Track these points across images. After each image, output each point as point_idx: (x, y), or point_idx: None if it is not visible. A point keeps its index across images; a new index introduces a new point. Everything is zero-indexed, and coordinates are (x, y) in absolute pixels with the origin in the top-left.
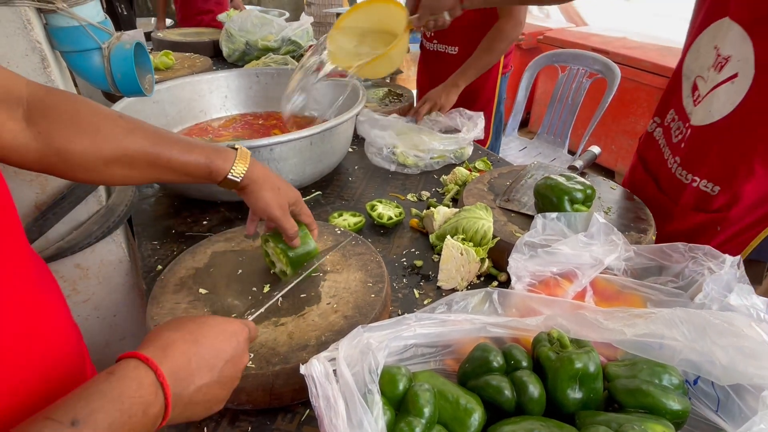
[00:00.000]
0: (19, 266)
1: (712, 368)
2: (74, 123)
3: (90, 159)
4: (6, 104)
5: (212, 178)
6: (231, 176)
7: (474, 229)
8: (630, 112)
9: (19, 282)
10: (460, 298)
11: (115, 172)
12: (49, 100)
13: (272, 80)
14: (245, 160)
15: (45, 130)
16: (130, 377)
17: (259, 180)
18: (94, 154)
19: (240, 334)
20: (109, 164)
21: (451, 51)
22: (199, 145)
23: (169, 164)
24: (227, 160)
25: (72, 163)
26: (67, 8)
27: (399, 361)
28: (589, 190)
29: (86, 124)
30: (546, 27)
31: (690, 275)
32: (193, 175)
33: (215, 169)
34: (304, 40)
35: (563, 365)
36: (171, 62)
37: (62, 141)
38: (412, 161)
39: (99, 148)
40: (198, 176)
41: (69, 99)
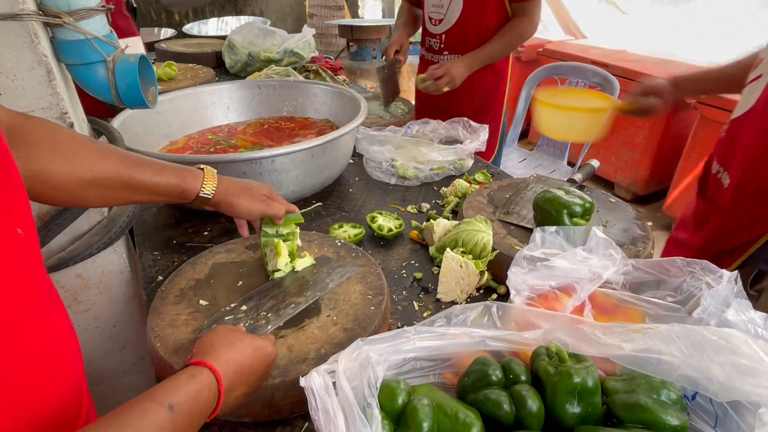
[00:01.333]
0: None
1: (710, 384)
2: (53, 147)
3: (67, 181)
4: None
5: (184, 197)
6: (203, 194)
7: (473, 242)
8: (629, 123)
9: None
10: (459, 312)
11: (91, 193)
12: (28, 126)
13: (274, 92)
14: (213, 177)
15: (24, 154)
16: (205, 383)
17: (229, 192)
18: (71, 176)
19: (271, 356)
20: (85, 186)
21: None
22: (170, 166)
23: (142, 185)
24: (197, 179)
25: (50, 185)
26: (73, 22)
27: (398, 375)
28: (588, 204)
29: (64, 147)
30: (545, 39)
31: (688, 290)
32: (165, 195)
33: (187, 188)
34: (306, 52)
35: (562, 379)
36: (174, 73)
37: (41, 163)
38: (412, 173)
39: (76, 170)
40: (170, 196)
41: (46, 125)
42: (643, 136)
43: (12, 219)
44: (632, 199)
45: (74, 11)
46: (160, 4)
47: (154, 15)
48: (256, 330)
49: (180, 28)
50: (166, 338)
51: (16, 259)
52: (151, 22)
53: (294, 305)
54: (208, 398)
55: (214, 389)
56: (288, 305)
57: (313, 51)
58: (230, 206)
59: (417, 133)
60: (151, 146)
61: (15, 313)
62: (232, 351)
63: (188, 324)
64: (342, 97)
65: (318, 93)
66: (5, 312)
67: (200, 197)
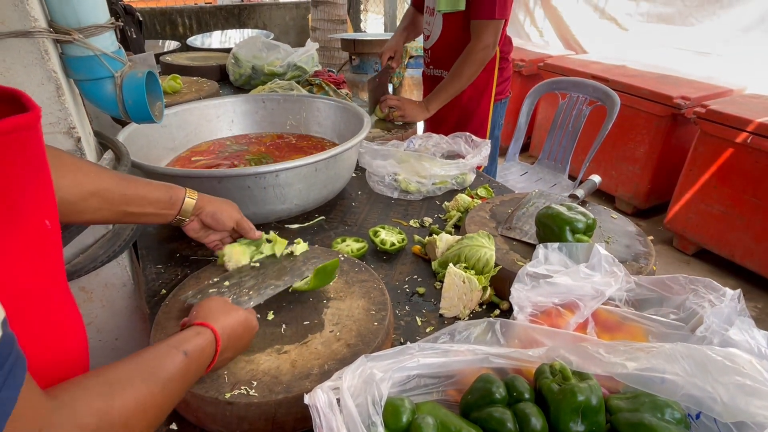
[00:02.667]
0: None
1: (714, 404)
2: (60, 164)
3: (73, 192)
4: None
5: (172, 203)
6: (188, 197)
7: (476, 257)
8: (630, 138)
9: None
10: (462, 328)
11: (91, 204)
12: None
13: (278, 106)
14: (194, 192)
15: None
16: (208, 340)
17: (212, 201)
18: (77, 188)
19: (255, 328)
20: (88, 198)
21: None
22: (156, 183)
23: (136, 195)
24: (182, 190)
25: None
26: (83, 39)
27: (402, 392)
28: (590, 221)
29: (69, 164)
30: (546, 54)
31: (691, 307)
32: (156, 205)
33: (174, 195)
34: (309, 66)
35: (566, 398)
36: (179, 86)
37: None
38: (415, 187)
39: (81, 182)
40: (160, 205)
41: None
42: (643, 151)
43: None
44: (633, 212)
45: (84, 28)
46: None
47: (158, 27)
48: (239, 304)
49: (184, 40)
50: None
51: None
52: (155, 34)
53: (273, 287)
54: (209, 354)
55: (212, 347)
56: (268, 286)
57: (316, 65)
58: (213, 214)
59: (419, 147)
60: (156, 159)
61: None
62: (227, 318)
63: None
64: (345, 111)
65: (321, 107)
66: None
67: (187, 200)
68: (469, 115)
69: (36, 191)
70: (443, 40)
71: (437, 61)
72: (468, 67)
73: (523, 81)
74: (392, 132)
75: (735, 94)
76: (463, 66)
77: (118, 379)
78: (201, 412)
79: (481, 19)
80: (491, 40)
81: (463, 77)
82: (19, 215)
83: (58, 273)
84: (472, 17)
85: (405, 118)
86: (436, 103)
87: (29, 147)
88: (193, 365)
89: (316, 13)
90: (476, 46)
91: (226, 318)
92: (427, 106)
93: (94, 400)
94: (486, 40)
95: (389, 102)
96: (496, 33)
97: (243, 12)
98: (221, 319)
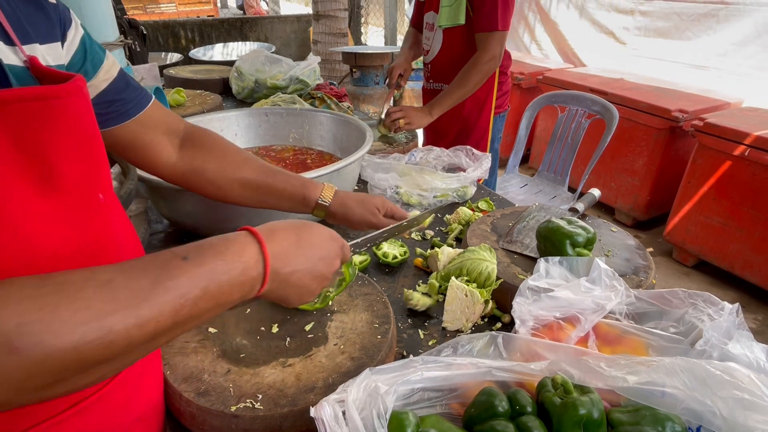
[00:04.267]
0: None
1: (714, 418)
2: (210, 151)
3: (218, 177)
4: (169, 136)
5: (306, 203)
6: (321, 201)
7: (478, 271)
8: (629, 150)
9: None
10: (465, 342)
11: (234, 190)
12: (197, 133)
13: (281, 119)
14: (331, 190)
15: (191, 154)
16: (238, 242)
17: (346, 203)
18: (220, 173)
19: (337, 240)
20: (230, 183)
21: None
22: (296, 176)
23: (273, 188)
24: (317, 189)
25: (205, 179)
26: None
27: (406, 405)
28: (591, 234)
29: (218, 152)
30: (545, 67)
31: (690, 321)
32: (290, 200)
33: (308, 195)
34: (311, 79)
35: (567, 411)
36: (183, 99)
37: (200, 162)
38: (416, 200)
39: (224, 169)
40: (294, 201)
41: (210, 134)
42: (642, 163)
43: (95, 186)
44: (633, 224)
45: None
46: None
47: (161, 40)
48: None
49: (186, 52)
50: (176, 366)
51: (94, 220)
52: (158, 47)
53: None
54: (242, 258)
55: (253, 250)
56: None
57: (318, 78)
58: (347, 218)
59: (421, 160)
60: None
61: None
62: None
63: (197, 351)
64: (348, 125)
65: (324, 121)
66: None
67: (319, 204)
68: (469, 128)
69: (80, 163)
70: (443, 55)
71: (437, 75)
72: (474, 76)
73: (522, 94)
74: (394, 145)
75: (732, 108)
76: (470, 74)
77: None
78: (206, 425)
79: (486, 32)
80: (497, 51)
81: (469, 85)
82: (58, 183)
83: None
84: (476, 30)
85: (411, 126)
86: (439, 109)
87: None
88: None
89: (317, 26)
90: (483, 57)
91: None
92: (431, 111)
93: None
94: (492, 51)
95: (393, 116)
96: (502, 44)
97: (245, 25)
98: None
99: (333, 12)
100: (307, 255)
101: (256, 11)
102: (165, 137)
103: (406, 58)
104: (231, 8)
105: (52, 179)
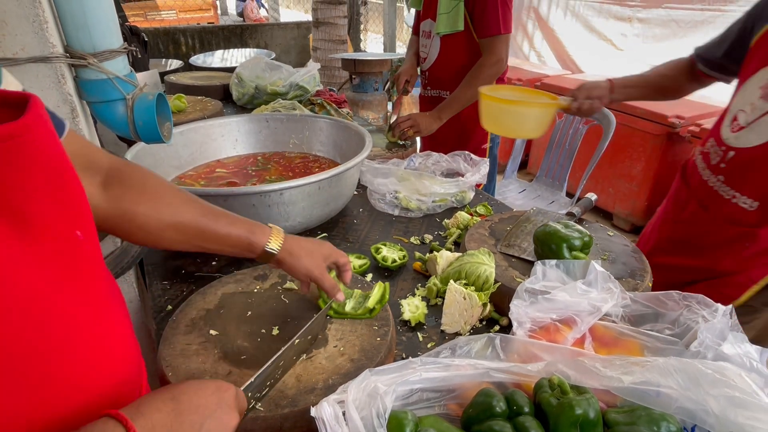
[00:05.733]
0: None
1: (707, 417)
2: (143, 190)
3: (150, 222)
4: (89, 171)
5: (252, 249)
6: (268, 249)
7: (476, 274)
8: (626, 156)
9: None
10: (463, 343)
11: (168, 236)
12: (126, 170)
13: (281, 125)
14: (279, 235)
15: (118, 195)
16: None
17: (293, 252)
18: (154, 218)
19: (223, 390)
20: (164, 229)
21: (444, 95)
22: (241, 219)
23: (215, 234)
24: (264, 235)
25: (135, 224)
26: (97, 63)
27: (405, 406)
28: (587, 238)
29: (152, 191)
30: (543, 74)
31: (685, 323)
32: (234, 246)
33: (255, 241)
34: (311, 86)
35: (564, 411)
36: (183, 105)
37: (130, 204)
38: (415, 205)
39: (159, 212)
40: (239, 247)
41: (141, 171)
42: (640, 169)
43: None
44: (631, 229)
45: (98, 53)
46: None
47: (161, 46)
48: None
49: (187, 59)
50: (177, 368)
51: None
52: (159, 53)
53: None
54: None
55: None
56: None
57: (318, 85)
58: (292, 267)
59: (419, 165)
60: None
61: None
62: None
63: (199, 354)
64: (347, 131)
65: (324, 127)
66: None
67: (266, 251)
68: (468, 134)
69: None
70: (440, 62)
71: (435, 82)
72: (482, 80)
73: None
74: (393, 151)
75: None
76: (477, 77)
77: None
78: None
79: (489, 36)
80: (503, 53)
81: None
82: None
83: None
84: (479, 36)
85: (420, 133)
86: (447, 113)
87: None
88: None
89: (317, 33)
90: (489, 61)
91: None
92: (440, 116)
93: None
94: (498, 54)
95: (402, 125)
96: (506, 46)
97: (245, 32)
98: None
99: (333, 19)
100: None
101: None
102: (86, 174)
103: (411, 64)
104: (231, 15)
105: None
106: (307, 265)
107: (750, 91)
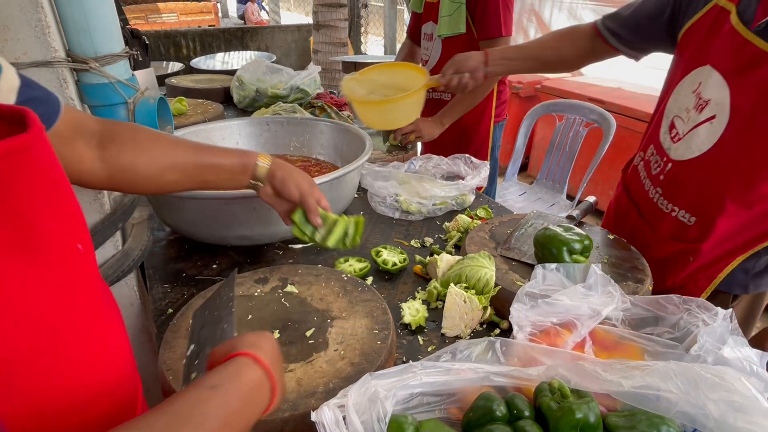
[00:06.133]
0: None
1: (706, 421)
2: (136, 144)
3: (150, 168)
4: (82, 136)
5: (245, 170)
6: (259, 163)
7: (477, 278)
8: (626, 159)
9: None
10: (464, 347)
11: (168, 178)
12: (116, 128)
13: (282, 128)
14: (267, 156)
15: (114, 153)
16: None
17: (285, 166)
18: (153, 164)
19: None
20: (164, 172)
21: (446, 98)
22: (231, 149)
23: (210, 166)
24: (254, 156)
25: (139, 175)
26: (99, 67)
27: (405, 410)
28: (587, 241)
29: (145, 141)
30: (543, 77)
31: (685, 326)
32: (230, 173)
33: (247, 162)
34: (311, 89)
35: (564, 415)
36: (185, 108)
37: (129, 157)
38: (415, 208)
39: (157, 158)
40: (234, 172)
41: (129, 126)
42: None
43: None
44: None
45: (100, 57)
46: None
47: (162, 49)
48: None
49: (188, 62)
50: (178, 371)
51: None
52: (160, 56)
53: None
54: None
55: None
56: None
57: (318, 88)
58: (284, 180)
59: (420, 168)
60: None
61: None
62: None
63: None
64: (348, 134)
65: (324, 130)
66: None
67: (259, 165)
68: (468, 137)
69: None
70: (442, 64)
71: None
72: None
73: (521, 102)
74: (393, 154)
75: None
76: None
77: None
78: None
79: (491, 38)
80: None
81: (477, 93)
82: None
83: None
84: (480, 38)
85: (422, 138)
86: (449, 118)
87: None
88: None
89: (317, 36)
90: None
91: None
92: (442, 121)
93: None
94: None
95: (404, 129)
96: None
97: (246, 34)
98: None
99: (333, 22)
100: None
101: (256, 21)
102: (82, 142)
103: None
104: (232, 18)
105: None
106: (298, 178)
107: (684, 95)
